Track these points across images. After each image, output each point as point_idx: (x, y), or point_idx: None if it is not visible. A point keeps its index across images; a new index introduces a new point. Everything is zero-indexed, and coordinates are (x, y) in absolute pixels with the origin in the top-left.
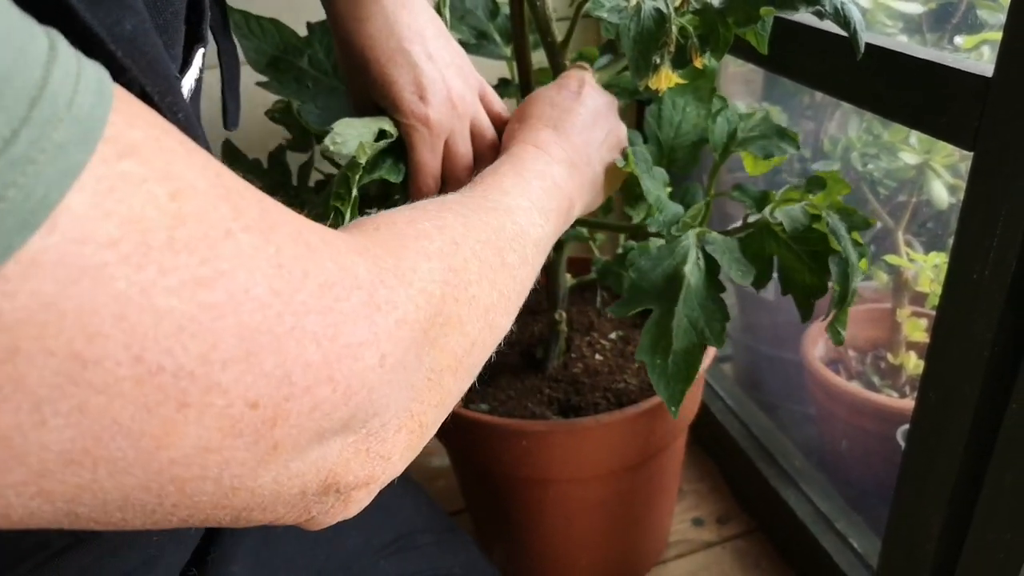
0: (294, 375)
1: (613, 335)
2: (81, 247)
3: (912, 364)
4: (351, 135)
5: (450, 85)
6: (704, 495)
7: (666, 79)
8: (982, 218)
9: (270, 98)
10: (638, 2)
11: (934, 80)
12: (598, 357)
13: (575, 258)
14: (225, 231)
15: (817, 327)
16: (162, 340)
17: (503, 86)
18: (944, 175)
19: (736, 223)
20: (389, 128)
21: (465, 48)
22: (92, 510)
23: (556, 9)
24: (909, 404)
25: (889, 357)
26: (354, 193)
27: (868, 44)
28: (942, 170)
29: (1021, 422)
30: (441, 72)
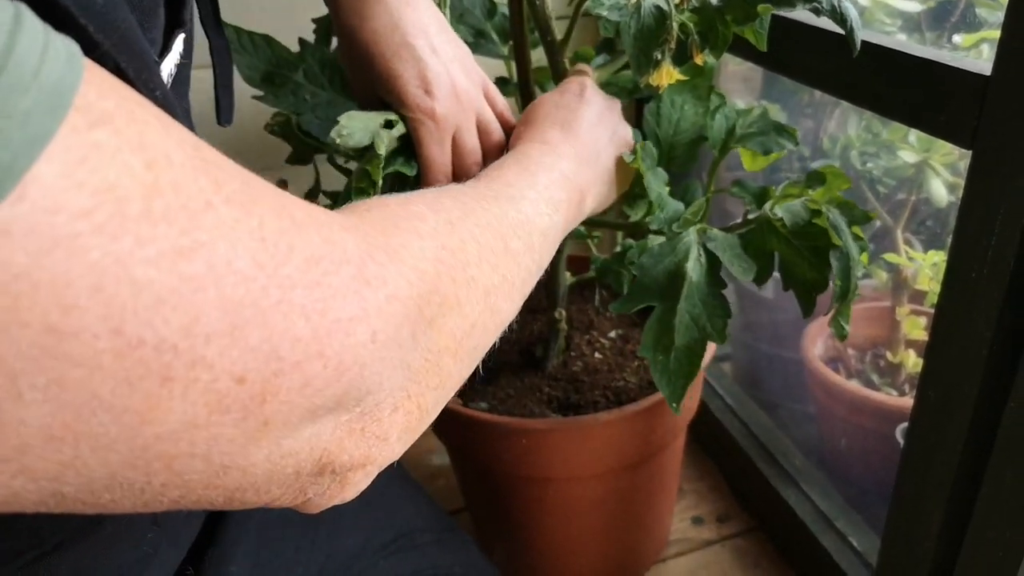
0: (282, 350)
1: (612, 333)
2: (53, 217)
3: (911, 362)
4: (357, 127)
5: (455, 79)
6: (704, 494)
7: (667, 75)
8: (980, 216)
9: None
10: (638, 0)
11: (933, 79)
12: (597, 355)
13: (574, 256)
14: (205, 203)
15: (816, 325)
16: (142, 312)
17: (501, 85)
18: (943, 173)
19: (735, 221)
20: (395, 121)
21: None
22: (78, 490)
23: (554, 8)
24: (908, 402)
25: (888, 355)
26: (379, 183)
27: (867, 43)
28: (941, 168)
29: (1020, 420)
30: (446, 66)
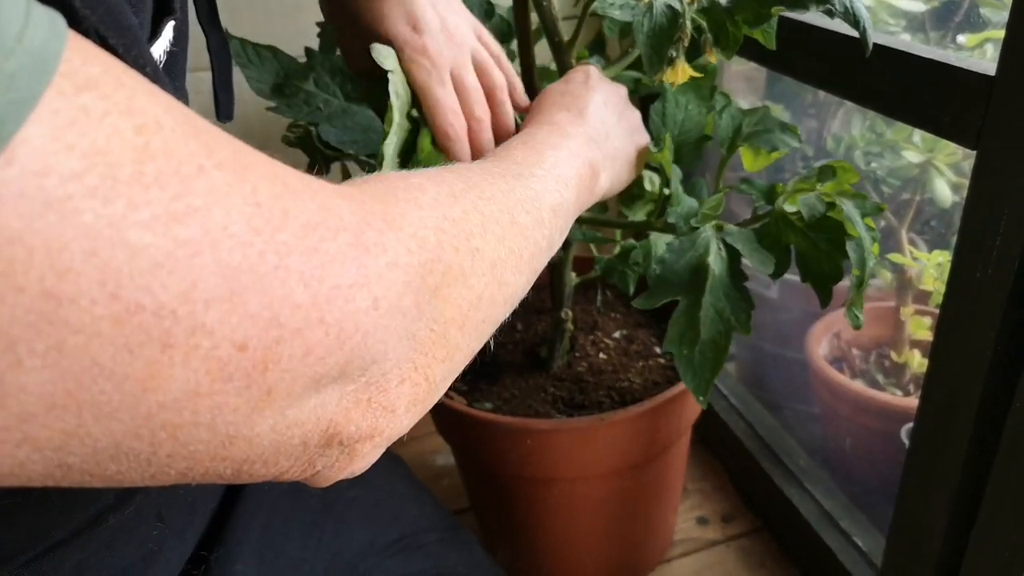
0: (282, 316)
1: (617, 334)
2: (43, 179)
3: (916, 362)
4: (388, 53)
5: (443, 16)
6: (708, 494)
7: (682, 73)
8: (985, 216)
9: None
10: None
11: (937, 79)
12: (602, 356)
13: (577, 257)
14: (197, 167)
15: (821, 326)
16: (138, 277)
17: None
18: (947, 173)
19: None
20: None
21: None
22: (83, 460)
23: (560, 9)
24: (913, 402)
25: (893, 355)
26: (400, 121)
27: (873, 43)
28: (945, 168)
29: None
30: (432, 4)
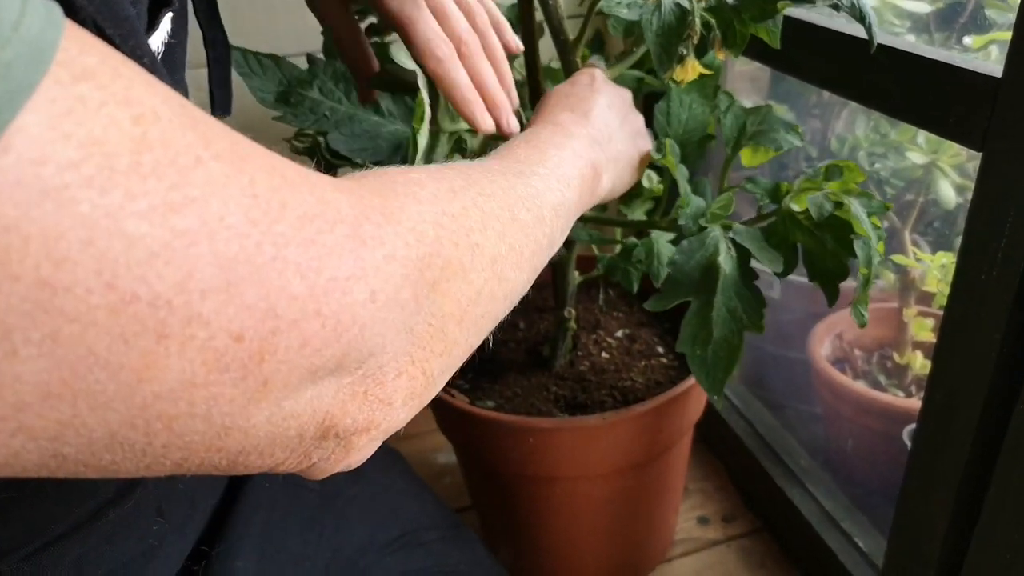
0: (279, 308)
1: (619, 333)
2: (40, 168)
3: (918, 364)
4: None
5: None
6: (710, 494)
7: (692, 70)
8: (990, 219)
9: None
10: None
11: (943, 80)
12: (604, 355)
13: (579, 255)
14: (195, 158)
15: (823, 326)
16: (135, 267)
17: None
18: (951, 175)
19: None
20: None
21: None
22: (78, 450)
23: (565, 8)
24: (915, 404)
25: (895, 356)
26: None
27: (877, 43)
28: (949, 170)
29: None
30: None
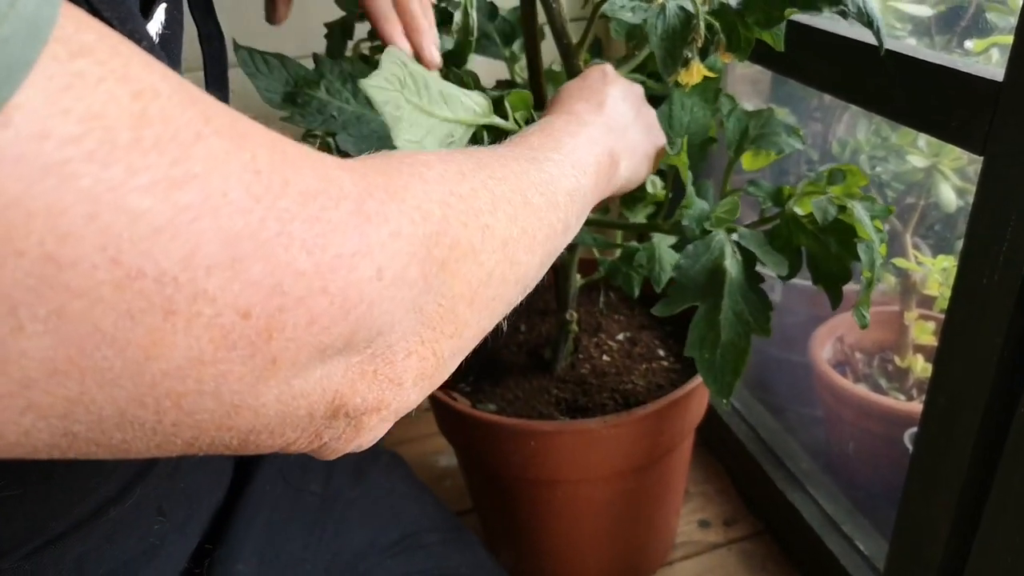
0: (285, 284)
1: (620, 336)
2: (41, 143)
3: (919, 367)
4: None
5: None
6: (711, 497)
7: (697, 73)
8: (992, 222)
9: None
10: (663, 1)
11: (945, 84)
12: (605, 358)
13: (581, 258)
14: (195, 134)
15: (824, 329)
16: (139, 242)
17: (505, 87)
18: (952, 178)
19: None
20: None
21: None
22: (89, 428)
23: (568, 10)
24: (916, 407)
25: (896, 360)
26: None
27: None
28: (950, 173)
29: None
30: None
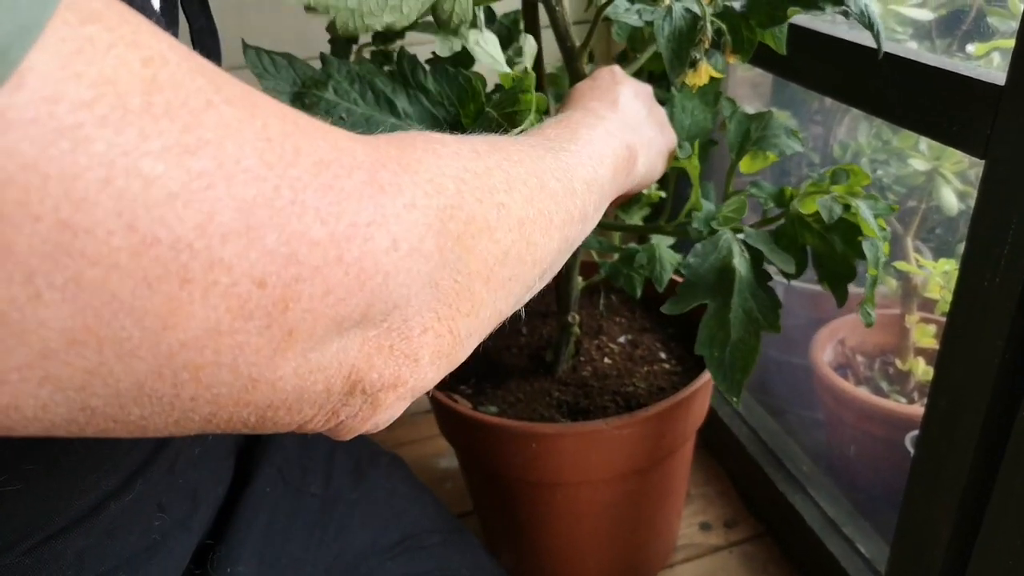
0: (300, 254)
1: (622, 339)
2: (54, 106)
3: (920, 370)
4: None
5: None
6: (712, 499)
7: (705, 73)
8: (993, 226)
9: None
10: (669, 3)
11: (946, 88)
12: (607, 360)
13: (582, 261)
14: (206, 101)
15: (825, 332)
16: (154, 208)
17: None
18: (954, 181)
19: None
20: None
21: None
22: (107, 402)
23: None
24: (917, 410)
25: (897, 363)
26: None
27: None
28: (952, 176)
29: None
30: None
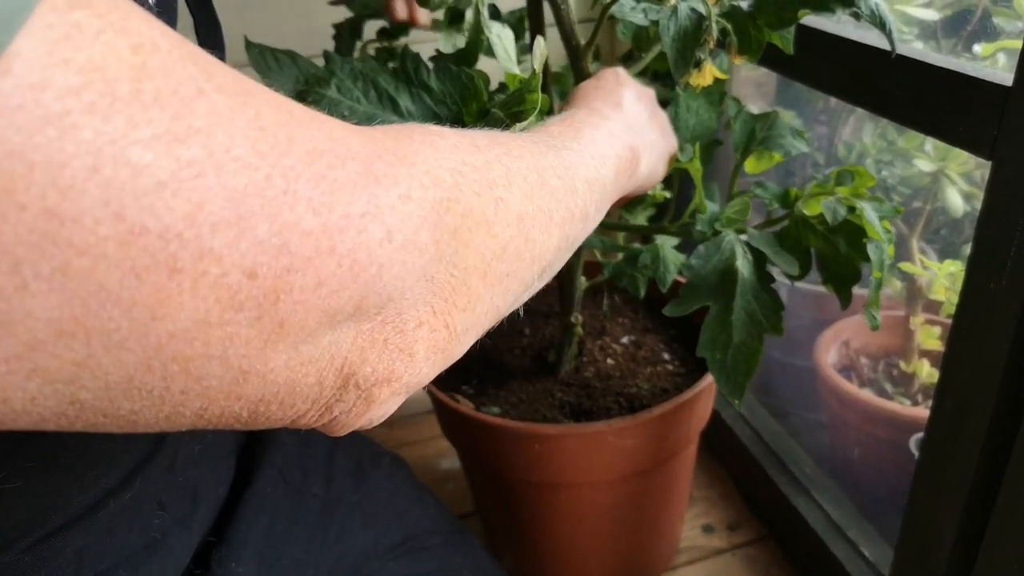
0: (292, 244)
1: (625, 339)
2: (41, 93)
3: (925, 372)
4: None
5: None
6: (715, 502)
7: (709, 74)
8: (1000, 228)
9: None
10: (675, 3)
11: (953, 88)
12: (610, 361)
13: (585, 261)
14: (197, 89)
15: (829, 334)
16: (142, 197)
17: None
18: (959, 183)
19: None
20: None
21: None
22: (96, 396)
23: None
24: (922, 412)
25: (902, 365)
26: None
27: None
28: (957, 177)
29: None
30: None
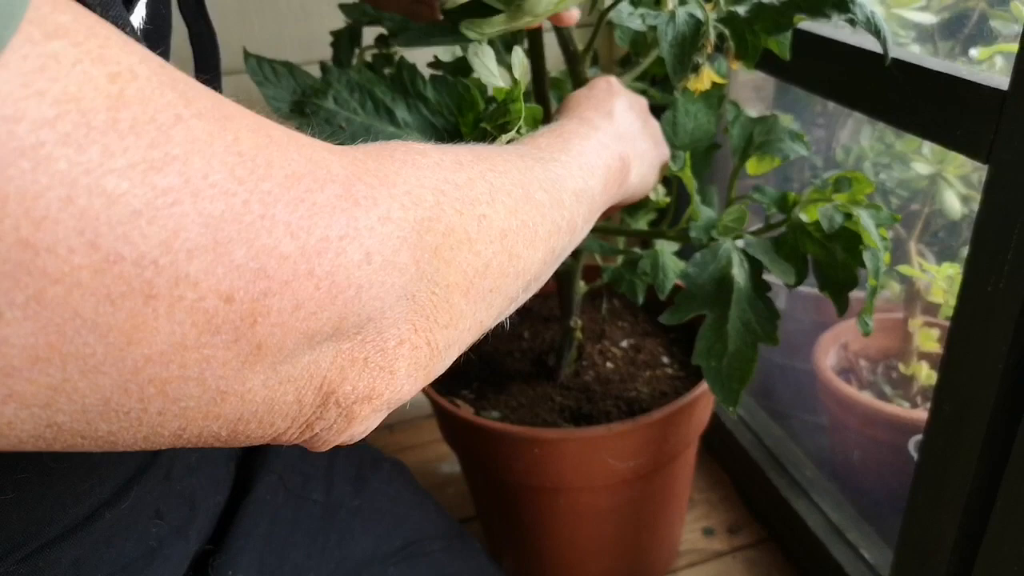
0: (269, 268)
1: (624, 343)
2: (14, 126)
3: (924, 374)
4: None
5: None
6: (715, 504)
7: (707, 78)
8: (997, 231)
9: None
10: (672, 8)
11: (950, 92)
12: (609, 365)
13: (585, 265)
14: (174, 116)
15: (829, 336)
16: (117, 226)
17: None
18: (957, 185)
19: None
20: None
21: None
22: (73, 418)
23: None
24: (921, 415)
25: (901, 367)
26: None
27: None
28: (955, 180)
29: None
30: None
